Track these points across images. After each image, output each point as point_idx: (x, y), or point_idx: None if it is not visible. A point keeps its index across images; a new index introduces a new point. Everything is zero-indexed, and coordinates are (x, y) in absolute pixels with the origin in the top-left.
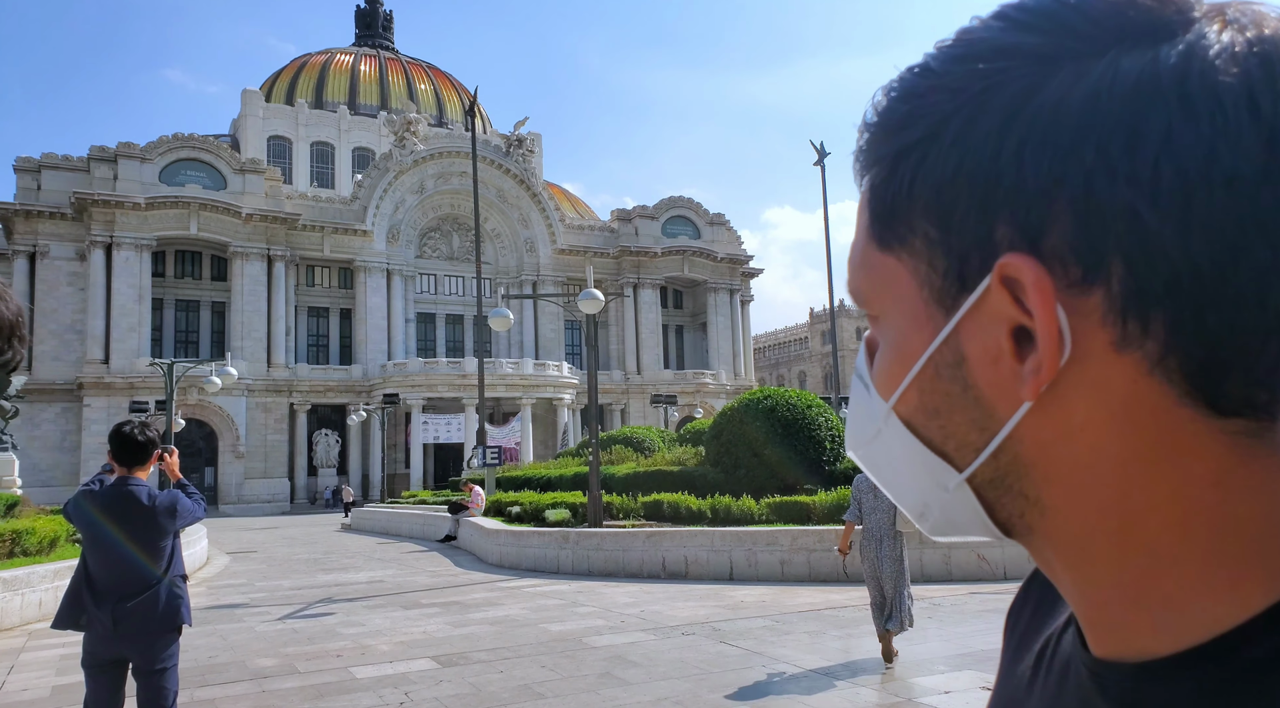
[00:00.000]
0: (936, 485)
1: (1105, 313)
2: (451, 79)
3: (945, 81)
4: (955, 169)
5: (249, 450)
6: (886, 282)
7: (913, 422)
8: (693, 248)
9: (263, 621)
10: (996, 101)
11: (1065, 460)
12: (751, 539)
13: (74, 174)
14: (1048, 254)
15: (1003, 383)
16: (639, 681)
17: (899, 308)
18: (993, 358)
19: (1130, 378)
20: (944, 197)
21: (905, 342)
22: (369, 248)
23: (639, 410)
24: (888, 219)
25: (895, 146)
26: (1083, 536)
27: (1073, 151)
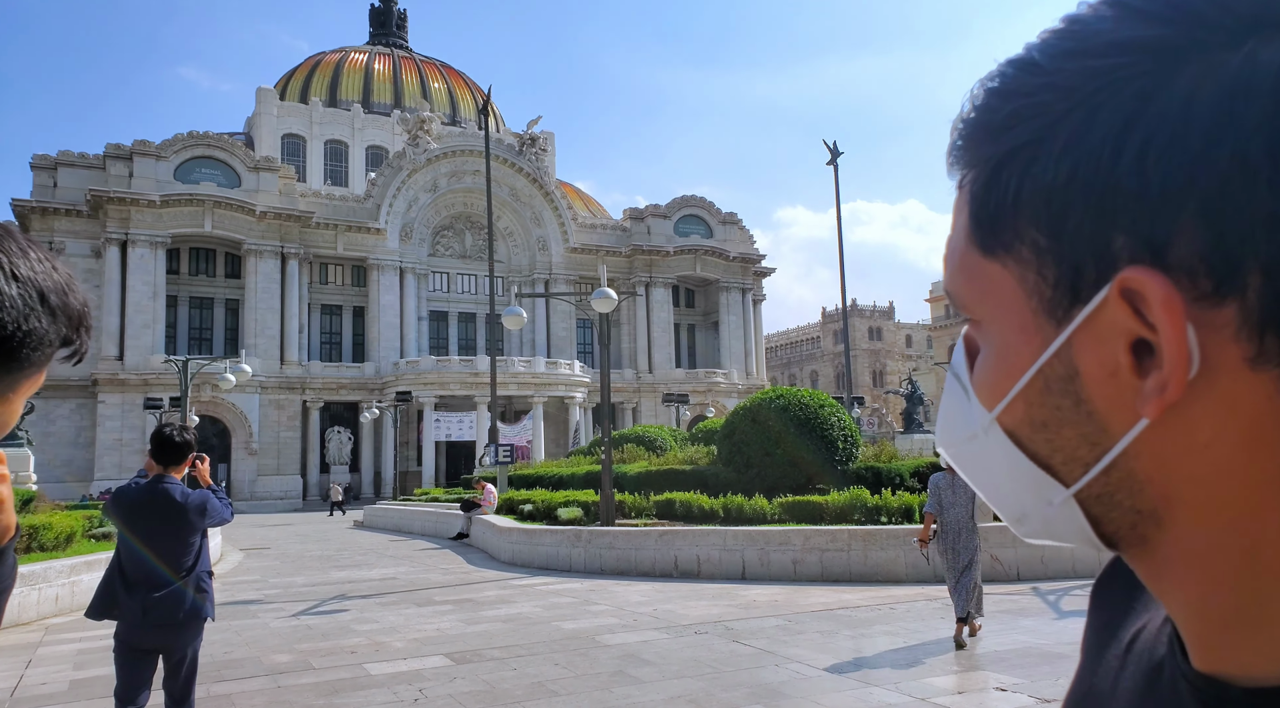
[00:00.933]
0: (1039, 499)
1: (1239, 327)
2: (465, 77)
3: (1055, 79)
4: (1069, 175)
5: (262, 447)
6: (990, 289)
7: (1017, 433)
8: (705, 247)
9: (277, 617)
10: (1115, 102)
11: (1187, 478)
12: (764, 539)
13: (90, 171)
14: (1174, 266)
15: (1119, 398)
16: (652, 679)
17: (1004, 316)
18: (1109, 372)
19: (1266, 396)
20: (1056, 204)
21: (1011, 351)
22: (382, 246)
23: (651, 409)
24: (992, 225)
25: (999, 149)
26: (1204, 554)
27: (1205, 155)
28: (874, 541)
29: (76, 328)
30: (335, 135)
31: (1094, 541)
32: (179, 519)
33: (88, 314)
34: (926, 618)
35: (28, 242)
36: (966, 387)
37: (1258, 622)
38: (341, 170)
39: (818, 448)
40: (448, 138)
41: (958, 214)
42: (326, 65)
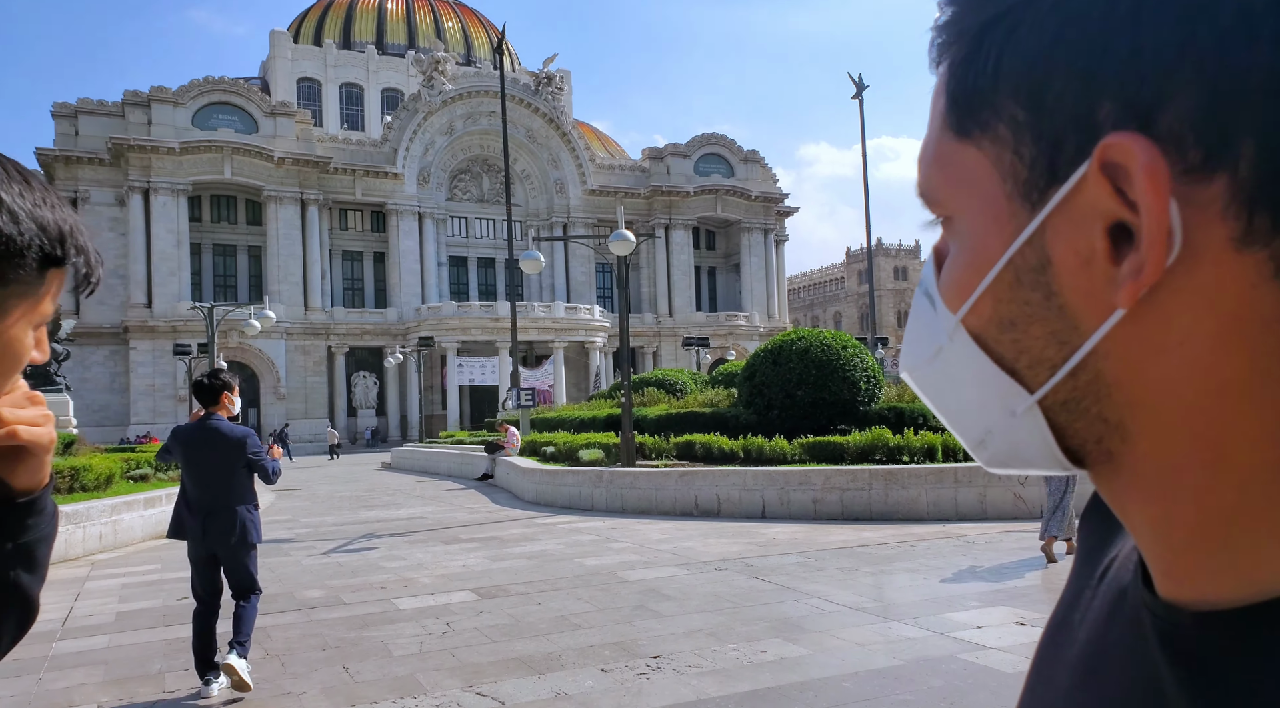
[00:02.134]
0: (1003, 409)
1: (1228, 204)
2: (479, 15)
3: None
4: (1053, 39)
5: (289, 392)
6: (963, 176)
7: (983, 335)
8: (726, 187)
9: (309, 555)
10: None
11: (1157, 380)
12: (784, 479)
13: (109, 119)
14: (1163, 134)
15: (1093, 289)
16: (672, 613)
17: (977, 206)
18: (1084, 260)
19: (1249, 284)
20: (1037, 72)
21: (982, 244)
22: (400, 191)
23: (671, 353)
24: (969, 103)
25: (982, 17)
26: (1169, 468)
27: (1204, 9)
28: (895, 480)
29: (57, 242)
30: (350, 78)
31: (1059, 456)
32: (226, 449)
33: (76, 232)
34: (947, 555)
35: (11, 168)
36: (934, 296)
37: (1219, 542)
38: (358, 114)
39: (840, 389)
40: (463, 79)
41: (935, 100)
42: (339, 6)
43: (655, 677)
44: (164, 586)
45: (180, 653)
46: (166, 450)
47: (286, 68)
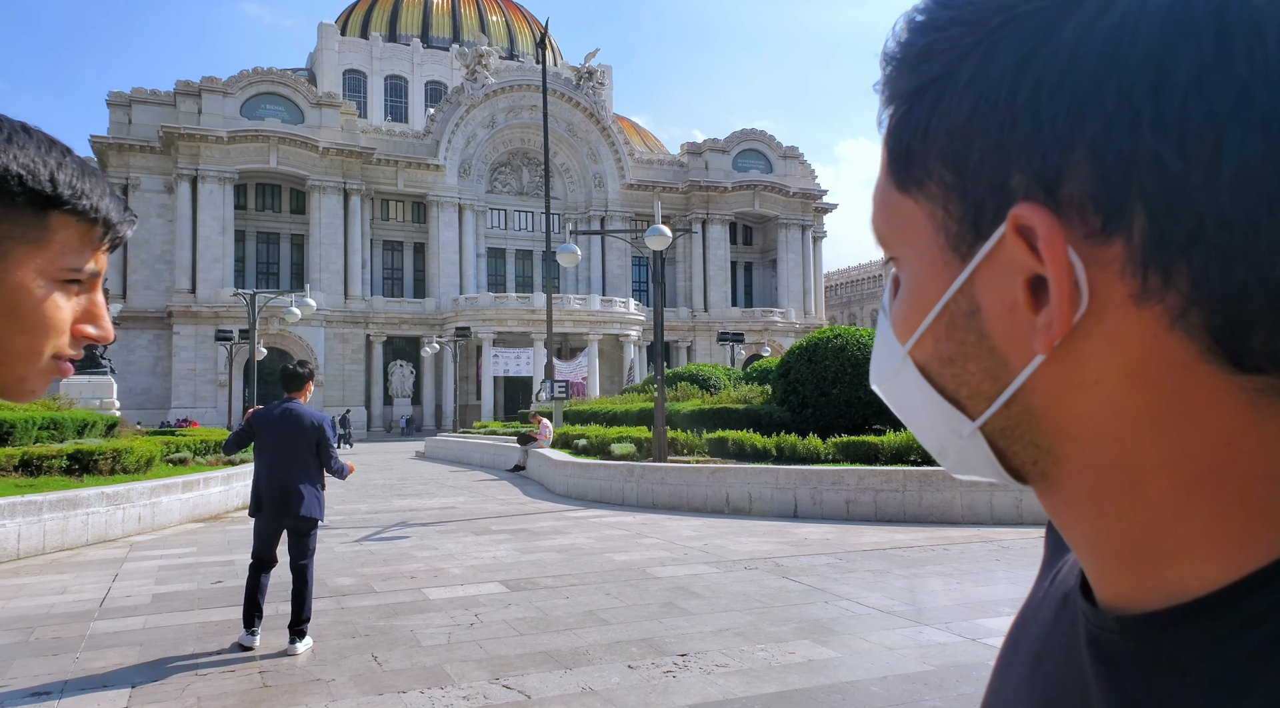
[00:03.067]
0: (951, 431)
1: (1125, 264)
2: (523, 10)
3: (965, 13)
4: (970, 111)
5: (328, 379)
6: (904, 224)
7: (927, 368)
8: (764, 182)
9: (341, 542)
10: (1015, 38)
11: (1077, 414)
12: (817, 478)
13: (161, 108)
14: (1065, 202)
15: (1017, 334)
16: (701, 611)
17: (916, 252)
18: (1008, 308)
19: (1149, 333)
20: (959, 140)
21: (921, 287)
22: (441, 182)
23: (705, 348)
24: (904, 161)
25: (913, 84)
26: (1093, 489)
27: (1093, 94)
28: (930, 481)
29: (47, 182)
30: (395, 70)
31: (1002, 474)
32: (303, 432)
33: (64, 171)
34: (981, 559)
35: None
36: (888, 322)
37: (1140, 556)
38: (401, 106)
39: None
40: (505, 72)
41: (882, 153)
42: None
43: (682, 675)
44: (199, 569)
45: (214, 636)
46: (239, 436)
47: (333, 59)
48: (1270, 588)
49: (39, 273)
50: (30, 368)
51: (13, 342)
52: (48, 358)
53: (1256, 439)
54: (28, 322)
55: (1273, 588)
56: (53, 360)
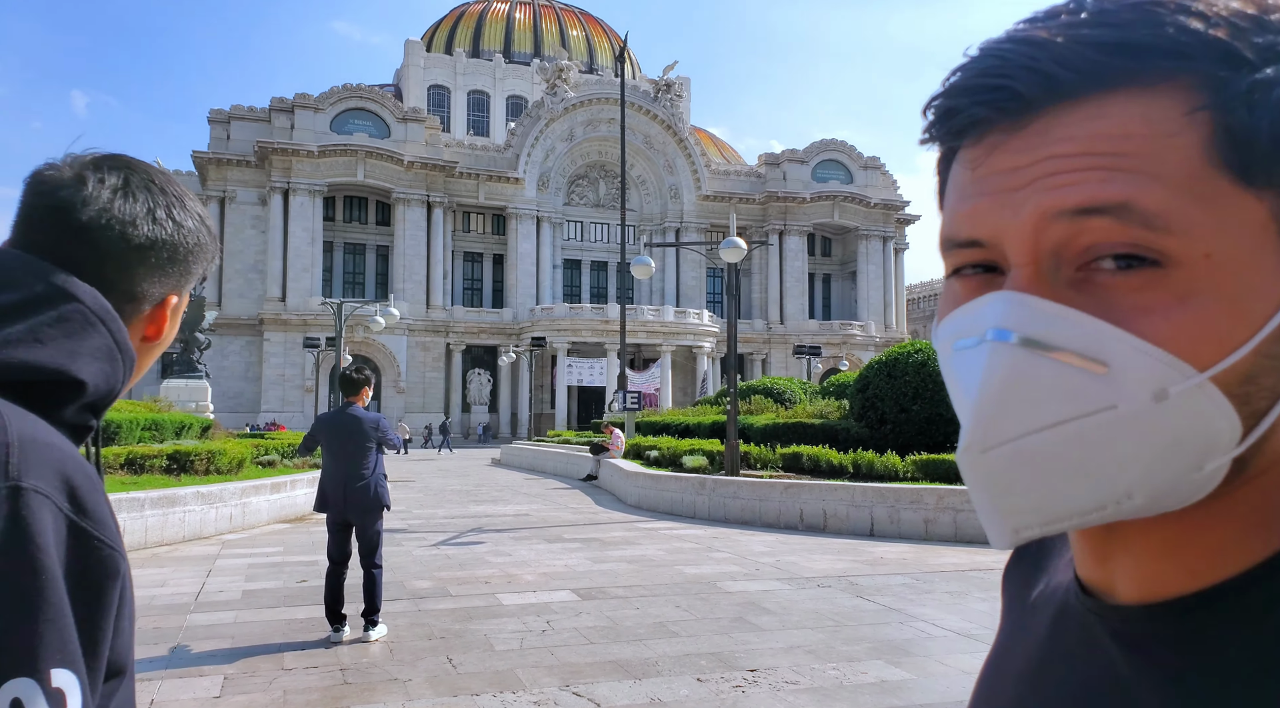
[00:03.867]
0: (1189, 466)
1: None
2: (602, 24)
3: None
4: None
5: (409, 386)
6: (1231, 224)
7: (1229, 386)
8: (844, 193)
9: (419, 546)
10: None
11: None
12: (894, 496)
13: (257, 124)
14: None
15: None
16: (772, 628)
17: (1246, 255)
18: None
19: None
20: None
21: (1252, 295)
22: (520, 195)
23: (781, 361)
24: (1257, 153)
25: (1253, 78)
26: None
27: None
28: None
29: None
30: (478, 85)
31: (1195, 498)
32: (362, 432)
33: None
34: None
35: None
36: (1096, 355)
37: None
38: (483, 120)
39: None
40: (584, 86)
41: (1187, 133)
42: (470, 16)
43: (751, 691)
44: (285, 568)
45: (298, 633)
46: (308, 440)
47: (419, 75)
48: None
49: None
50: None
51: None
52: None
53: None
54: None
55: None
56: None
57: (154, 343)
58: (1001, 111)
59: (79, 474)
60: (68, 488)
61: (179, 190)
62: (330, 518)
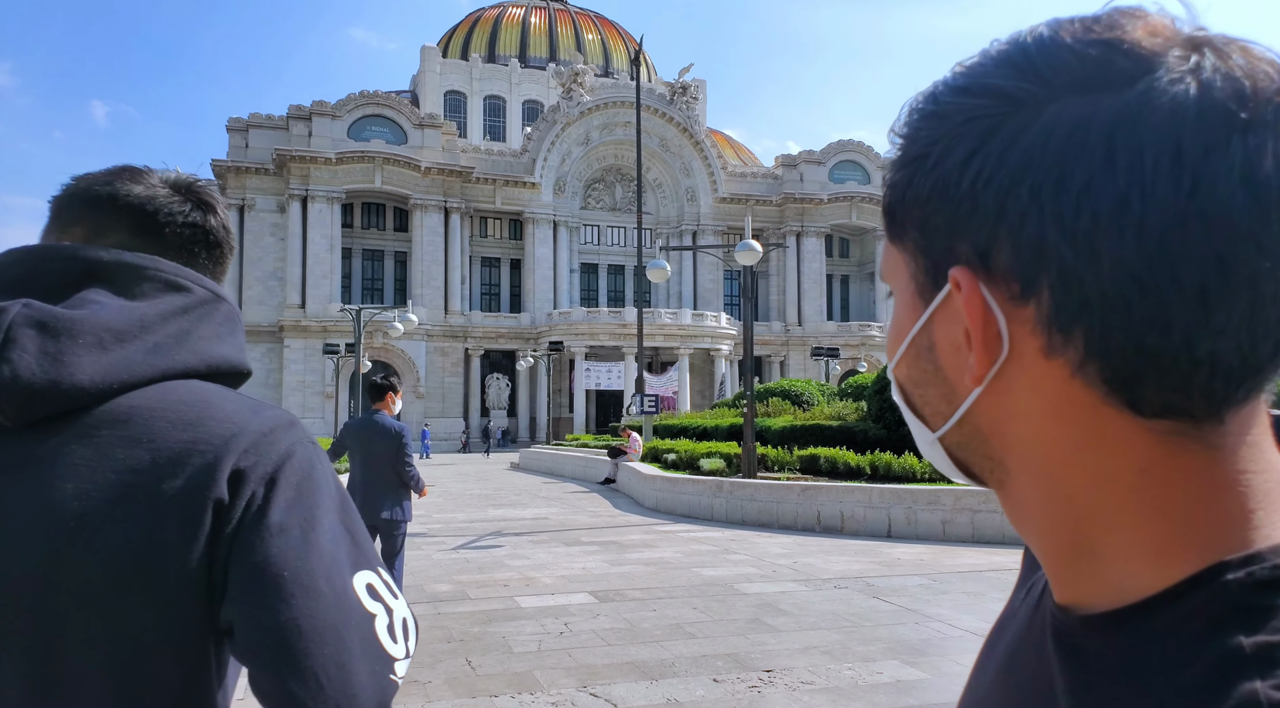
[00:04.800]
0: (923, 439)
1: (1035, 323)
2: (618, 28)
3: (941, 109)
4: (931, 190)
5: (428, 391)
6: (893, 267)
7: (904, 386)
8: (862, 194)
9: (439, 550)
10: (968, 135)
11: (1015, 437)
12: (912, 497)
13: (275, 132)
14: (995, 269)
15: (961, 368)
16: (788, 629)
17: (900, 289)
18: (954, 348)
19: (1060, 378)
20: (925, 210)
21: (900, 320)
22: (537, 200)
23: (799, 363)
24: (892, 218)
25: (901, 157)
26: (1038, 498)
27: (1012, 190)
28: None
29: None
30: (494, 91)
31: (958, 475)
32: (387, 439)
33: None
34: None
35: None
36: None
37: (1082, 560)
38: (500, 125)
39: None
40: (600, 90)
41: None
42: (486, 21)
43: (767, 691)
44: None
45: None
46: (335, 446)
47: (435, 81)
48: (1189, 597)
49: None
50: None
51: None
52: None
53: (1168, 469)
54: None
55: (1191, 597)
56: None
57: None
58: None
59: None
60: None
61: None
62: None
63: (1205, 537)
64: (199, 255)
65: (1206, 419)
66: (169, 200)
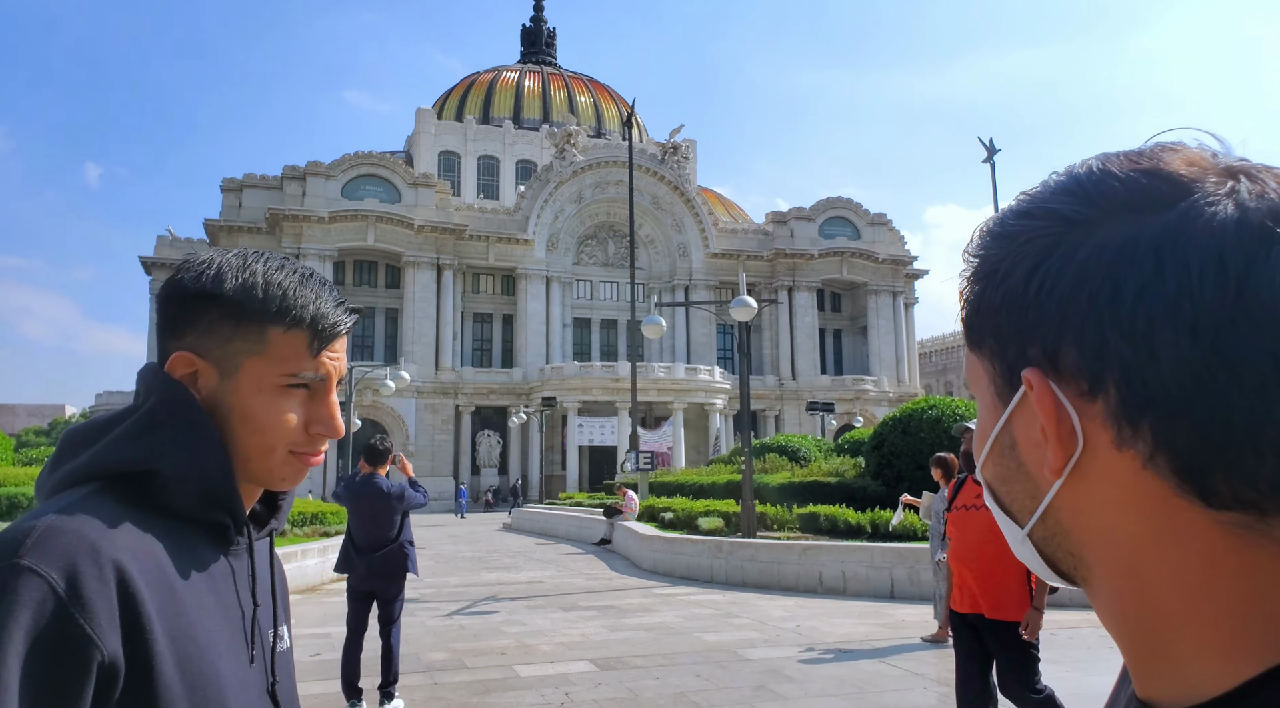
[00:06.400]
0: (1013, 536)
1: (1105, 417)
2: (610, 91)
3: (1006, 230)
4: (1002, 300)
5: (418, 450)
6: (975, 373)
7: (992, 485)
8: (851, 249)
9: (433, 616)
10: (1031, 252)
11: (1093, 530)
12: (915, 556)
13: (269, 192)
14: (1064, 370)
15: (1042, 464)
16: (795, 696)
17: (981, 394)
18: (1034, 443)
19: (1132, 470)
20: (998, 319)
21: (983, 422)
22: (530, 256)
23: (794, 418)
24: (969, 328)
25: (976, 274)
26: (1114, 593)
27: (1073, 299)
28: None
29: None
30: (488, 151)
31: (1050, 574)
32: (386, 502)
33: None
34: (1093, 646)
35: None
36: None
37: (1156, 655)
38: (493, 184)
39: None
40: (592, 150)
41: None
42: (480, 85)
43: None
44: (298, 640)
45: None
46: (337, 495)
47: (430, 142)
48: (1253, 699)
49: (261, 381)
50: (269, 462)
51: (250, 440)
52: (282, 452)
53: (1236, 564)
54: (257, 423)
55: (1255, 699)
56: (290, 455)
57: None
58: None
59: (88, 562)
60: (70, 573)
61: None
62: (352, 585)
63: (1273, 635)
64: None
65: (1274, 511)
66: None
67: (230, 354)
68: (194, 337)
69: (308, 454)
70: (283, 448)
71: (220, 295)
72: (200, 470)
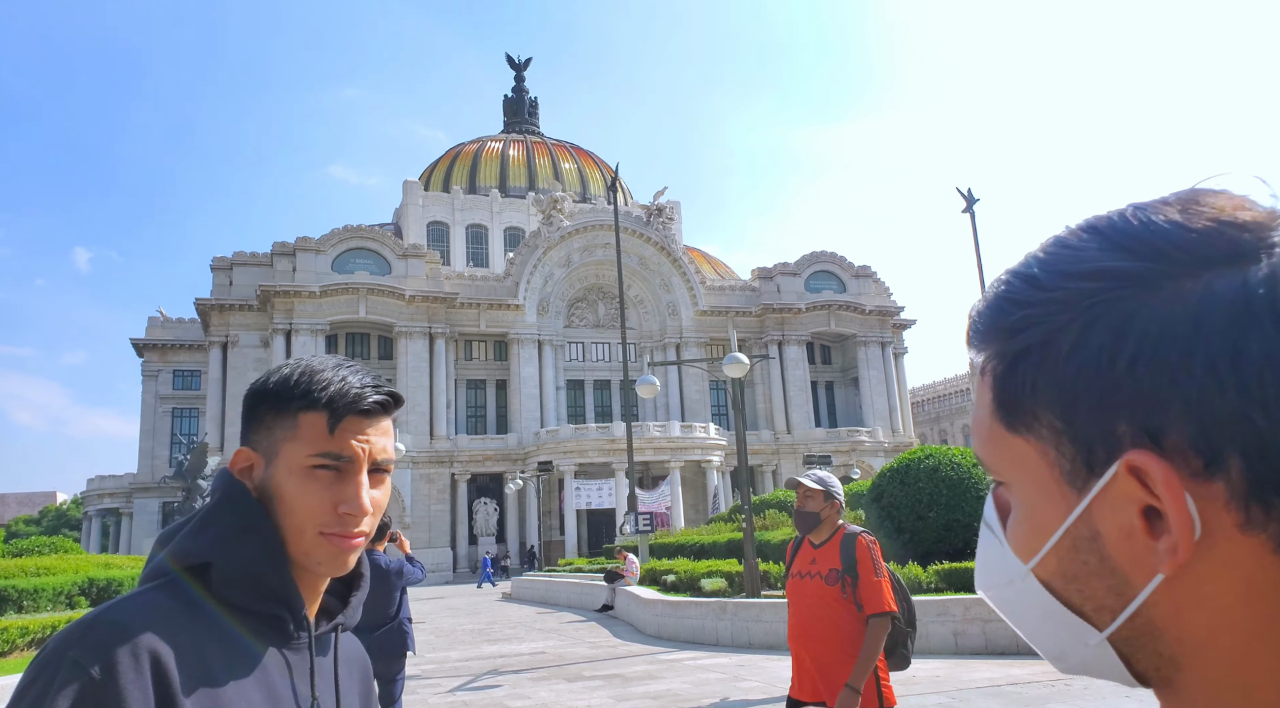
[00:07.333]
0: (1076, 639)
1: (1229, 499)
2: (593, 156)
3: (1055, 295)
4: (1074, 375)
5: (414, 521)
6: (1015, 458)
7: (1051, 583)
8: (838, 302)
9: (435, 693)
10: (1107, 318)
11: (1196, 626)
12: (920, 609)
13: (259, 269)
14: (1169, 448)
15: (1136, 555)
16: None
17: (1029, 481)
18: (1126, 534)
19: (1256, 556)
20: (1067, 396)
21: (1038, 513)
22: (521, 321)
23: (791, 471)
24: (1014, 408)
25: (1015, 346)
26: (1210, 694)
27: (1183, 366)
28: None
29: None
30: (475, 220)
31: (1129, 678)
32: (385, 580)
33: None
34: (1107, 697)
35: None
36: (1000, 538)
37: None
38: (482, 252)
39: (974, 510)
40: (579, 215)
41: (981, 394)
42: (465, 155)
43: None
44: None
45: None
46: None
47: (418, 213)
48: None
49: (292, 463)
50: (301, 543)
51: (285, 522)
52: (312, 534)
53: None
54: (289, 505)
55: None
56: (320, 536)
57: None
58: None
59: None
60: (107, 664)
61: None
62: None
63: None
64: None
65: None
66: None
67: (273, 442)
68: (253, 433)
69: (339, 536)
70: (312, 529)
71: (267, 390)
72: (246, 562)
